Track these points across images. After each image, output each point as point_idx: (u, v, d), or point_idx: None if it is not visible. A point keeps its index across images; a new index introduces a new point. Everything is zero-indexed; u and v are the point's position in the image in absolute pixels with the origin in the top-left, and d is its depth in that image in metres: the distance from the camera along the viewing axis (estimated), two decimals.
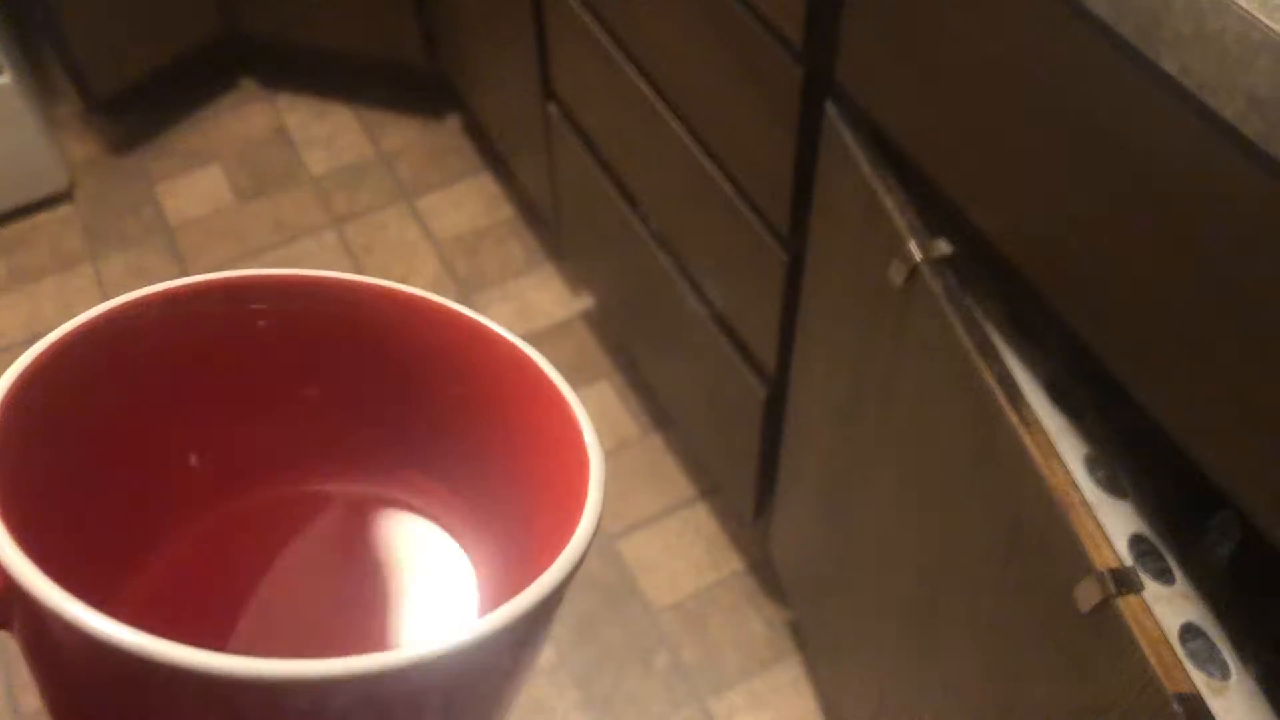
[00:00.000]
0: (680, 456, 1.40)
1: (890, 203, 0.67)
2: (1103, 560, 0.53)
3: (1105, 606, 0.53)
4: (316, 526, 0.39)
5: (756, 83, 0.80)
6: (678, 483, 1.38)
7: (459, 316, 0.38)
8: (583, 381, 1.47)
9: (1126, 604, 0.52)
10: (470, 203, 1.69)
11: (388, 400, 0.40)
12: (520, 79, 1.31)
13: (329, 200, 1.70)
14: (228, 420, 0.38)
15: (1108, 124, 0.51)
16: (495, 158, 1.73)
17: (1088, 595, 0.53)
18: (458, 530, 0.39)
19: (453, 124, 1.79)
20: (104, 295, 1.60)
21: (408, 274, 1.60)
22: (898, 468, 0.76)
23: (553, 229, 1.48)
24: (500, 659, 0.29)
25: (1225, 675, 0.54)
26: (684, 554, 1.32)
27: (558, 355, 1.49)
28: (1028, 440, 0.58)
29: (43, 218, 1.70)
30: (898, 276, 0.66)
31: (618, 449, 1.41)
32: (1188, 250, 0.49)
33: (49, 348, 0.32)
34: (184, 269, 1.63)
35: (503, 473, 0.38)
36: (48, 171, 1.68)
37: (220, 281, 0.36)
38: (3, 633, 0.28)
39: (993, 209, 0.61)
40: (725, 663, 1.24)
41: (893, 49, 0.65)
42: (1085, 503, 0.56)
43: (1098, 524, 0.55)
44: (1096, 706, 0.55)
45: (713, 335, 1.07)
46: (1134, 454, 0.67)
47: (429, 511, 0.40)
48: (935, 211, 0.69)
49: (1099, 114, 0.51)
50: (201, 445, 0.38)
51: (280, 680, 0.24)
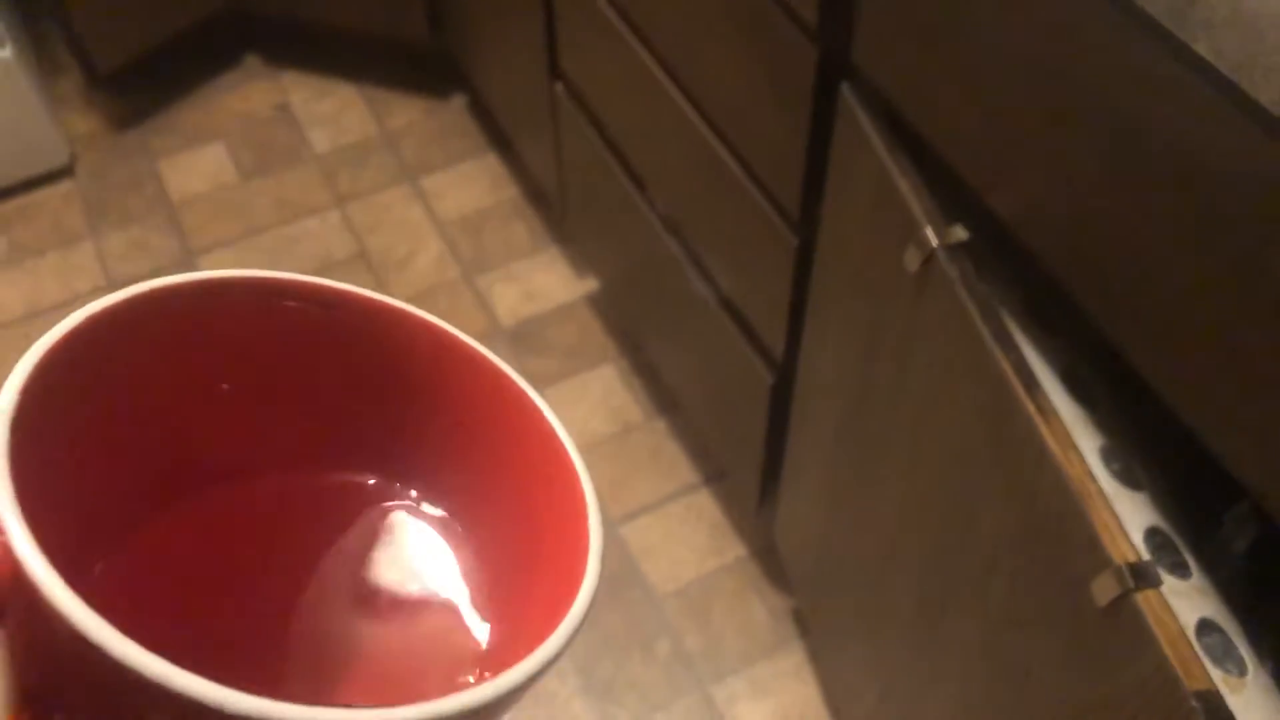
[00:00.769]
0: (684, 442, 1.39)
1: (906, 187, 0.66)
2: (1121, 554, 0.52)
3: (1123, 601, 0.52)
4: (320, 520, 0.39)
5: (769, 63, 0.79)
6: (681, 468, 1.37)
7: (481, 359, 0.38)
8: (586, 365, 1.46)
9: (1145, 599, 0.51)
10: (475, 183, 1.67)
11: (396, 417, 0.39)
12: (527, 58, 1.30)
13: (333, 179, 1.69)
14: (241, 411, 0.38)
15: (1136, 108, 0.50)
16: (500, 138, 1.71)
17: (1105, 589, 0.52)
18: (457, 548, 0.39)
19: (458, 103, 1.78)
20: (105, 272, 1.59)
21: (412, 253, 1.59)
22: (908, 456, 0.75)
23: (558, 210, 1.46)
24: (492, 716, 0.30)
25: (1242, 672, 0.54)
26: (687, 540, 1.31)
27: (562, 338, 1.48)
28: (1044, 430, 0.57)
29: (44, 193, 1.69)
30: (913, 262, 0.65)
31: (621, 433, 1.40)
32: (1215, 238, 0.48)
33: (70, 330, 0.31)
34: (186, 246, 1.61)
35: (500, 511, 0.38)
36: (49, 147, 1.67)
37: (259, 279, 0.36)
38: None
39: (1013, 194, 0.60)
40: (727, 649, 1.23)
41: (912, 30, 0.63)
42: (1103, 494, 0.55)
43: (1115, 516, 0.54)
44: (1110, 702, 0.54)
45: (719, 320, 1.06)
46: (1149, 445, 0.66)
47: (430, 523, 0.40)
48: (948, 197, 0.67)
49: (1127, 98, 0.50)
50: (211, 433, 0.38)
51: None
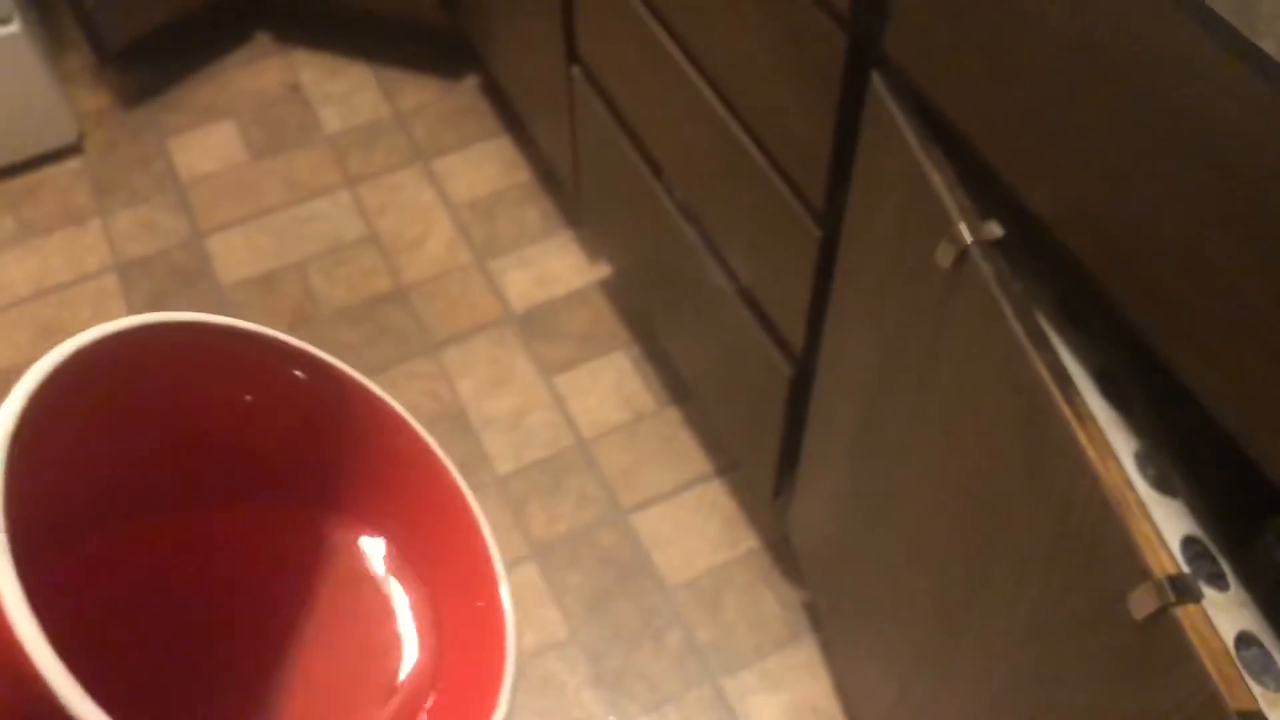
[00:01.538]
0: (697, 431, 1.37)
1: (939, 181, 0.64)
2: (1161, 566, 0.51)
3: (1162, 615, 0.50)
4: (267, 551, 0.40)
5: (797, 49, 0.76)
6: (693, 458, 1.35)
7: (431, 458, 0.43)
8: (599, 352, 1.44)
9: (1185, 613, 0.49)
10: (488, 165, 1.65)
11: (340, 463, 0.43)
12: (543, 39, 1.27)
13: (343, 159, 1.67)
14: (205, 447, 0.41)
15: (1193, 103, 0.48)
16: (514, 120, 1.69)
17: (1143, 603, 0.51)
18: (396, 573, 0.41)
19: (471, 84, 1.75)
20: (113, 252, 1.57)
21: (422, 237, 1.57)
22: (933, 456, 0.73)
23: (572, 195, 1.44)
24: None
25: None
26: (699, 530, 1.30)
27: (574, 324, 1.47)
28: (1081, 435, 0.55)
29: (51, 171, 1.67)
30: (945, 259, 0.63)
31: (633, 422, 1.38)
32: (1270, 238, 0.46)
33: (88, 343, 0.34)
34: (194, 226, 1.60)
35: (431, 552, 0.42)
36: (57, 123, 1.65)
37: (243, 330, 0.39)
38: None
39: (1051, 189, 0.58)
40: (739, 642, 1.22)
41: (948, 16, 0.61)
42: (1141, 504, 0.53)
43: (1155, 527, 0.52)
44: (1146, 717, 0.52)
45: (737, 310, 1.04)
46: (1183, 450, 0.64)
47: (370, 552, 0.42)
48: (975, 192, 0.65)
49: (1183, 92, 0.48)
50: (171, 464, 0.41)
51: None
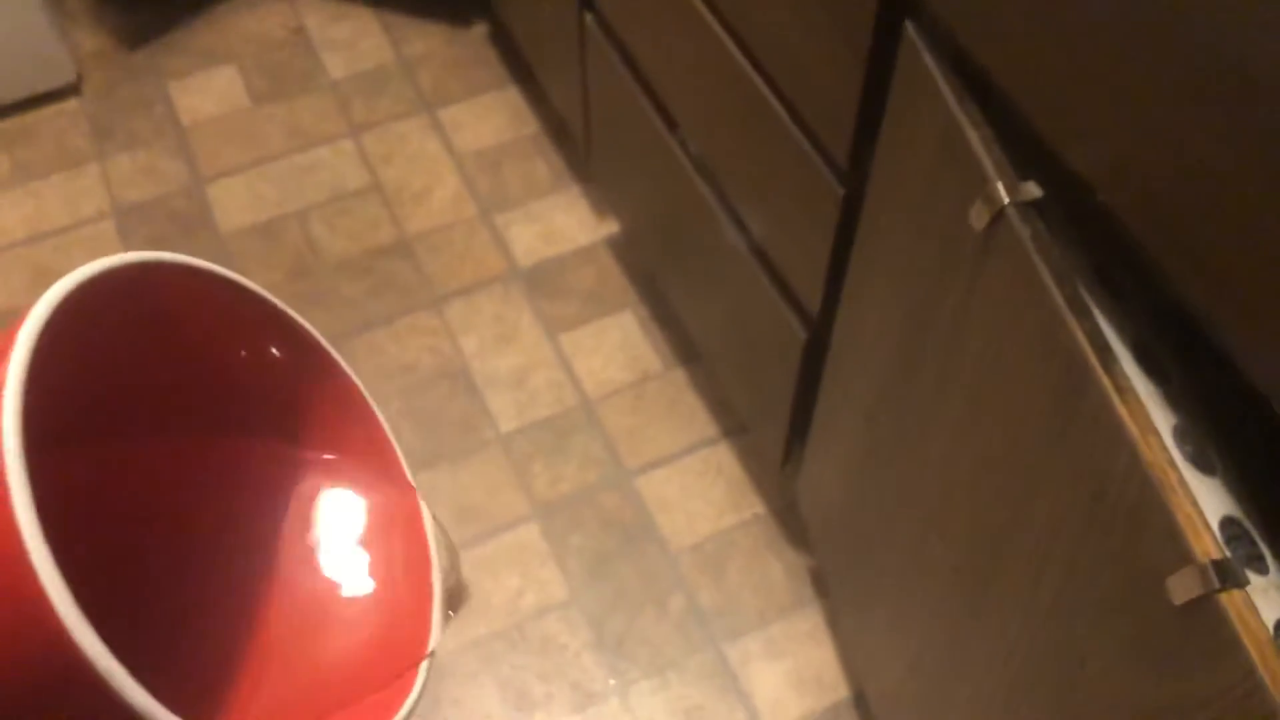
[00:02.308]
0: (704, 394, 1.34)
1: (975, 138, 0.61)
2: (1204, 550, 0.48)
3: (1204, 601, 0.47)
4: (239, 482, 0.43)
5: None
6: (701, 420, 1.33)
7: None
8: (605, 311, 1.41)
9: (1230, 600, 0.47)
10: (495, 116, 1.61)
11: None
12: None
13: (347, 107, 1.63)
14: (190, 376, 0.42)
15: (1254, 53, 0.44)
16: (523, 69, 1.65)
17: (1184, 587, 0.48)
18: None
19: (479, 32, 1.71)
20: (110, 196, 1.54)
21: (427, 188, 1.53)
22: (958, 425, 0.70)
23: (581, 148, 1.41)
24: None
25: None
26: (704, 494, 1.27)
27: (580, 281, 1.44)
28: (1121, 409, 0.52)
29: (48, 111, 1.63)
30: (979, 220, 0.60)
31: (639, 382, 1.35)
32: None
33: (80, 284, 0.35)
34: (195, 172, 1.56)
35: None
36: (55, 63, 1.60)
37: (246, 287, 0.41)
38: None
39: (1097, 147, 0.55)
40: (743, 608, 1.20)
41: None
42: (1183, 482, 0.50)
43: (1198, 508, 0.49)
44: (1181, 706, 0.50)
45: (751, 270, 1.01)
46: (1222, 428, 0.61)
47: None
48: (1013, 154, 0.62)
49: (1245, 42, 0.44)
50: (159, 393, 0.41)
51: None
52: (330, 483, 0.43)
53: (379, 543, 0.43)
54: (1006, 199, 0.58)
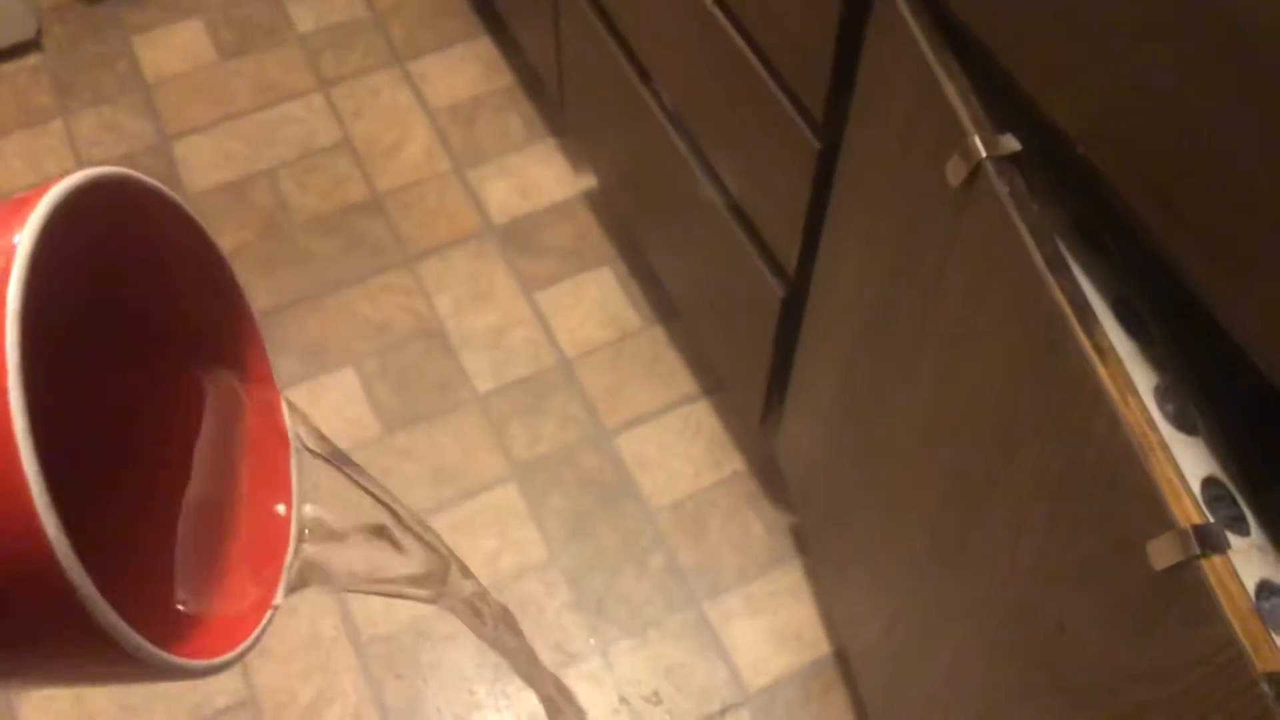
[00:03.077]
0: (683, 351, 1.33)
1: (953, 90, 0.59)
2: (1185, 515, 0.47)
3: (1184, 567, 0.46)
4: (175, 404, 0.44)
5: None
6: (679, 378, 1.31)
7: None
8: (582, 267, 1.39)
9: (1210, 566, 0.45)
10: (467, 68, 1.58)
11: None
12: None
13: (316, 60, 1.59)
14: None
15: (1241, 5, 0.42)
16: (496, 21, 1.61)
17: (1164, 552, 0.47)
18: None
19: None
20: (75, 154, 1.50)
21: (399, 142, 1.50)
22: (936, 383, 0.69)
23: (556, 101, 1.38)
24: None
25: None
26: (684, 452, 1.26)
27: (557, 238, 1.41)
28: (1102, 371, 0.51)
29: (8, 68, 1.59)
30: (956, 175, 0.58)
31: (618, 340, 1.34)
32: None
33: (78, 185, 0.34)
34: (160, 129, 1.52)
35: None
36: (15, 18, 1.56)
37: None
38: None
39: (1080, 98, 0.53)
40: (723, 566, 1.19)
41: None
42: (1164, 445, 0.49)
43: (1179, 472, 0.48)
44: (1161, 673, 0.49)
45: (728, 226, 0.99)
46: (1204, 387, 0.60)
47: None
48: (991, 107, 0.60)
49: None
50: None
51: None
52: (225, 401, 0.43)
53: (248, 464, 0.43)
54: (984, 152, 0.56)
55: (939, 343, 0.67)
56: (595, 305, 1.37)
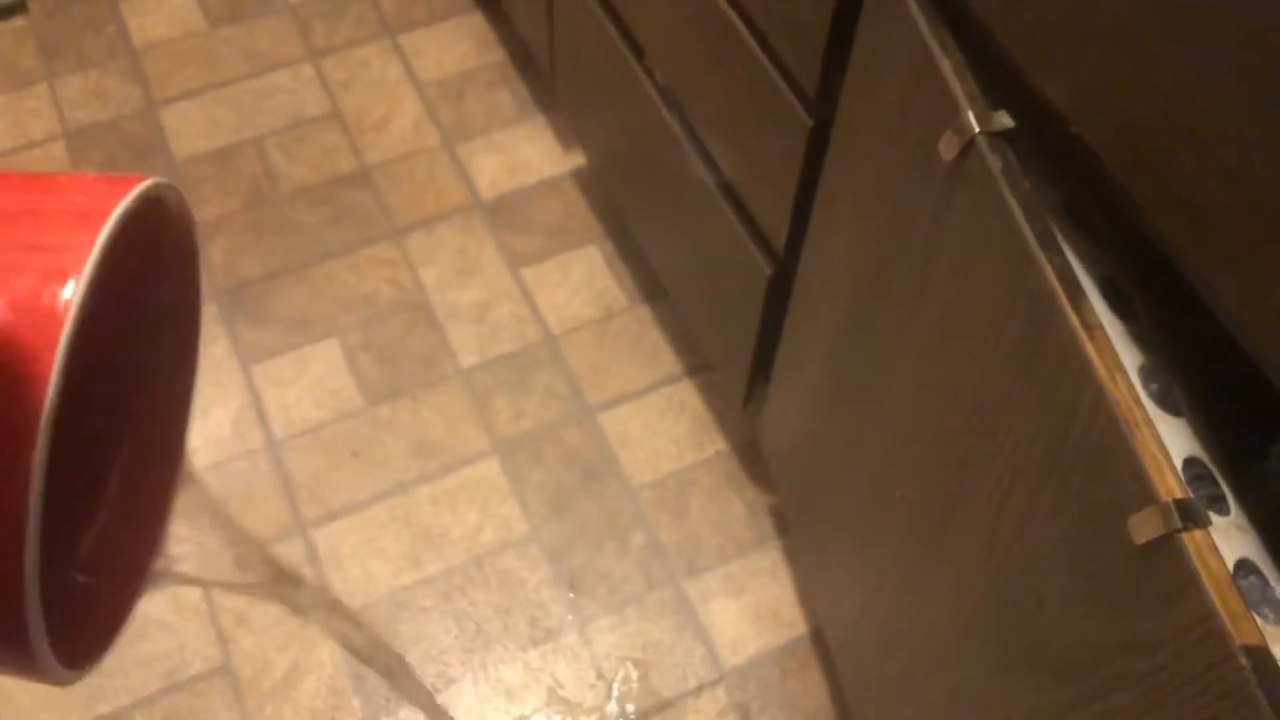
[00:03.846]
0: (669, 331, 1.33)
1: (948, 66, 0.59)
2: (1168, 489, 0.47)
3: (1165, 541, 0.47)
4: None
5: None
6: (664, 357, 1.31)
7: None
8: (570, 245, 1.39)
9: (1191, 540, 0.46)
10: (458, 43, 1.57)
11: None
12: None
13: (307, 30, 1.58)
14: None
15: None
16: None
17: (1145, 526, 0.47)
18: None
19: None
20: (60, 118, 1.49)
21: (389, 115, 1.49)
22: (921, 362, 0.69)
23: (547, 77, 1.37)
24: None
25: None
26: (667, 431, 1.26)
27: (545, 215, 1.41)
28: (1089, 346, 0.51)
29: None
30: (949, 150, 0.58)
31: (604, 319, 1.34)
32: None
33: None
34: (147, 94, 1.51)
35: None
36: None
37: None
38: None
39: (1074, 77, 0.53)
40: (703, 544, 1.19)
41: None
42: (1149, 422, 0.50)
43: (1163, 448, 0.49)
44: (1139, 646, 0.50)
45: (717, 204, 0.99)
46: (1187, 369, 0.60)
47: None
48: (984, 84, 0.60)
49: None
50: None
51: None
52: None
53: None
54: (977, 128, 0.57)
55: (926, 320, 0.68)
56: (582, 283, 1.36)
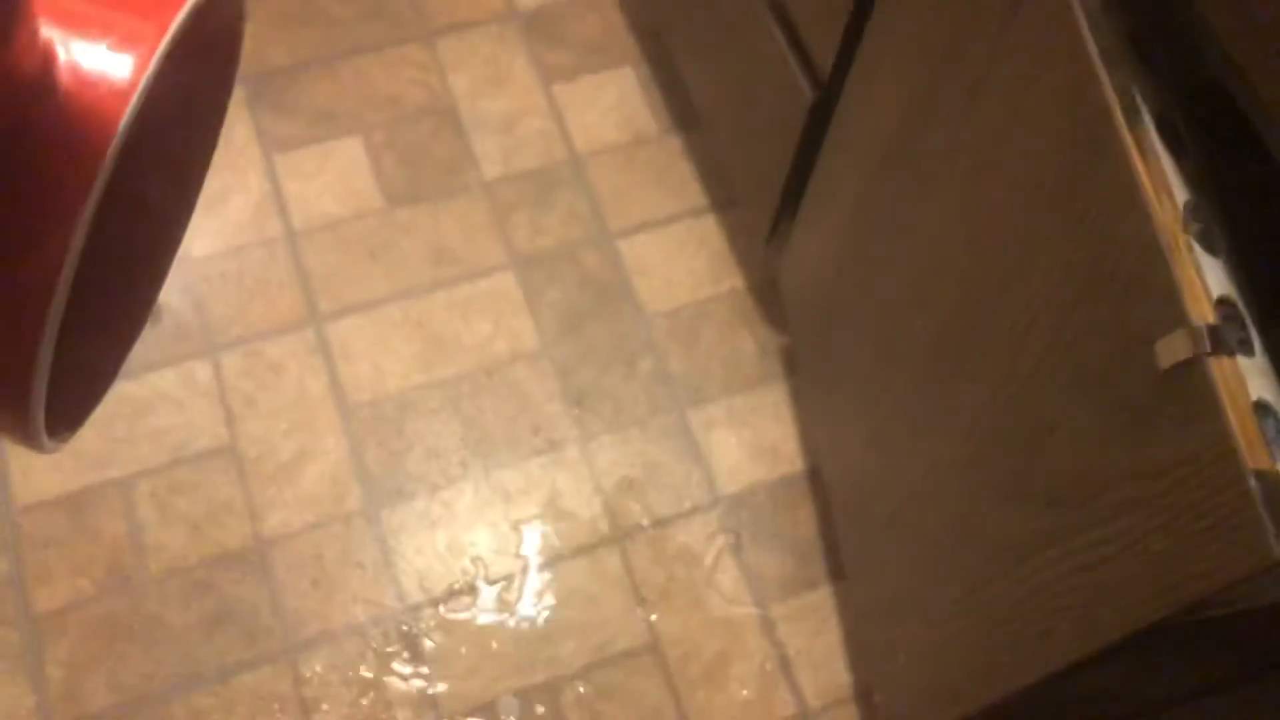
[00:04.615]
0: (698, 164, 1.31)
1: None
2: (1200, 313, 0.47)
3: (1190, 365, 0.47)
4: None
5: None
6: (690, 189, 1.30)
7: None
8: (605, 64, 1.36)
9: (1219, 366, 0.46)
10: None
11: None
12: None
13: None
14: None
15: None
16: None
17: (1173, 350, 0.47)
18: None
19: None
20: None
21: None
22: (958, 192, 0.68)
23: None
24: None
25: None
26: (685, 263, 1.26)
27: (582, 31, 1.37)
28: (1141, 169, 0.50)
29: None
30: None
31: (632, 144, 1.31)
32: None
33: None
34: None
35: None
36: None
37: None
38: None
39: None
40: (710, 376, 1.20)
41: None
42: (1190, 247, 0.49)
43: (1200, 274, 0.48)
44: (1150, 470, 0.50)
45: (765, 25, 0.96)
46: (1229, 214, 0.59)
47: None
48: None
49: None
50: None
51: None
52: None
53: None
54: None
55: (968, 149, 0.66)
56: (613, 105, 1.34)
